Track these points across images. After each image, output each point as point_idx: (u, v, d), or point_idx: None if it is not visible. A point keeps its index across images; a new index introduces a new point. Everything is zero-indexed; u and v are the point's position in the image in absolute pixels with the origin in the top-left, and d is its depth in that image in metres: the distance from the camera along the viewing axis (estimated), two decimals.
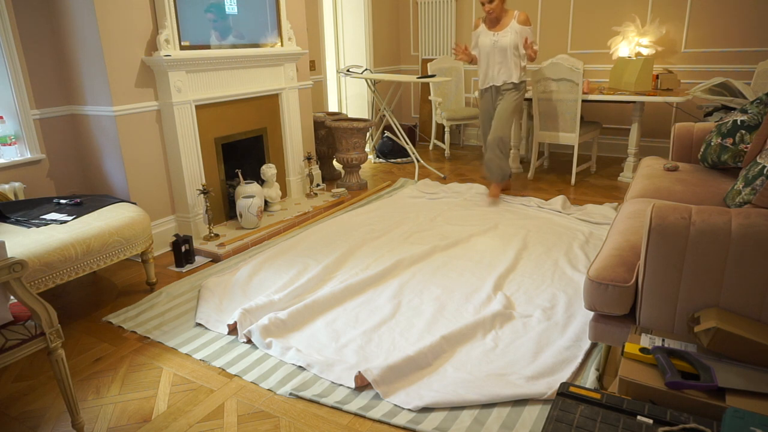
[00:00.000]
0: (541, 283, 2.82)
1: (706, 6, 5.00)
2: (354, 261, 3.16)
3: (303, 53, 4.24)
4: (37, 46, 3.08)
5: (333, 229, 3.69)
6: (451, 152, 6.13)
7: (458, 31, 6.35)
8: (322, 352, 2.26)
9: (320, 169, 4.94)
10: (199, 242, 3.47)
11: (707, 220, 1.61)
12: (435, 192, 4.50)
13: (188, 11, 3.34)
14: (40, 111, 3.12)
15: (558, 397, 1.41)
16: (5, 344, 1.67)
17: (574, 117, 4.51)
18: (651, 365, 1.52)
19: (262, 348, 2.32)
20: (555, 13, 5.72)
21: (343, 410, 1.93)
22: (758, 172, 2.21)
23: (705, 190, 2.64)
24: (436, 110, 5.91)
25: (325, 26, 5.57)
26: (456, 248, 3.30)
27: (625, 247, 1.97)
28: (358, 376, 2.04)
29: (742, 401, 1.37)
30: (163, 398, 2.06)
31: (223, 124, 3.74)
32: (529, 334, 2.34)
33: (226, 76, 3.68)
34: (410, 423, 1.83)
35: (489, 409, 1.90)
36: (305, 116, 4.54)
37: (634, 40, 5.24)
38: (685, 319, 1.69)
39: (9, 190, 2.94)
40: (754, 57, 4.88)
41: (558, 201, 4.07)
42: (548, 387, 1.95)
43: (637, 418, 1.32)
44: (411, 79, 5.16)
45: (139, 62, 3.20)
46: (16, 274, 1.67)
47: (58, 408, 2.01)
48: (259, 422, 1.90)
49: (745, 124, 2.79)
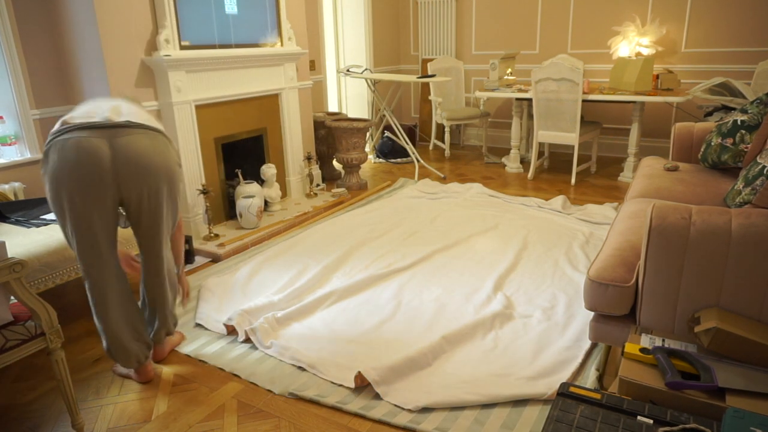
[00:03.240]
0: (541, 283, 2.82)
1: (706, 6, 5.00)
2: (354, 261, 3.16)
3: (303, 53, 4.24)
4: (37, 46, 3.08)
5: (332, 229, 3.69)
6: (451, 152, 6.13)
7: (458, 31, 6.35)
8: (321, 353, 2.26)
9: (320, 169, 4.94)
10: (198, 242, 3.47)
11: (707, 220, 1.61)
12: (435, 192, 4.50)
13: (188, 11, 3.34)
14: (40, 111, 3.12)
15: (558, 397, 1.41)
16: (5, 344, 1.67)
17: (574, 117, 4.50)
18: (651, 365, 1.52)
19: (261, 348, 2.31)
20: (555, 13, 5.72)
21: (343, 410, 1.93)
22: (758, 172, 2.21)
23: (705, 190, 2.64)
24: (436, 110, 5.91)
25: (325, 26, 5.57)
26: (456, 248, 3.30)
27: (626, 247, 1.97)
28: (357, 375, 2.04)
29: (742, 401, 1.37)
30: (163, 398, 2.06)
31: (223, 124, 3.74)
32: (529, 334, 2.34)
33: (226, 76, 3.68)
34: (410, 423, 1.83)
35: (489, 409, 1.90)
36: (305, 116, 4.54)
37: (634, 40, 5.24)
38: (685, 319, 1.69)
39: (9, 190, 2.94)
40: (754, 57, 4.87)
41: (558, 201, 4.07)
42: (548, 387, 1.95)
43: (638, 418, 1.32)
44: (411, 79, 5.16)
45: (139, 62, 3.20)
46: (16, 274, 1.67)
47: (58, 408, 2.01)
48: (259, 422, 1.90)
49: (745, 124, 2.79)
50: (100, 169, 1.83)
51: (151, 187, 1.94)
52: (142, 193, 1.94)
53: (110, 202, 1.90)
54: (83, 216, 1.86)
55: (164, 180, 1.98)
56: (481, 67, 6.30)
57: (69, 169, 1.80)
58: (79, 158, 1.80)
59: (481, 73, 6.30)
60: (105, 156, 1.84)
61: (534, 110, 4.73)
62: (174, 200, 2.08)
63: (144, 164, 1.91)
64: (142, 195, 1.94)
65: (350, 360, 2.19)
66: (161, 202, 2.00)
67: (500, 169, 5.40)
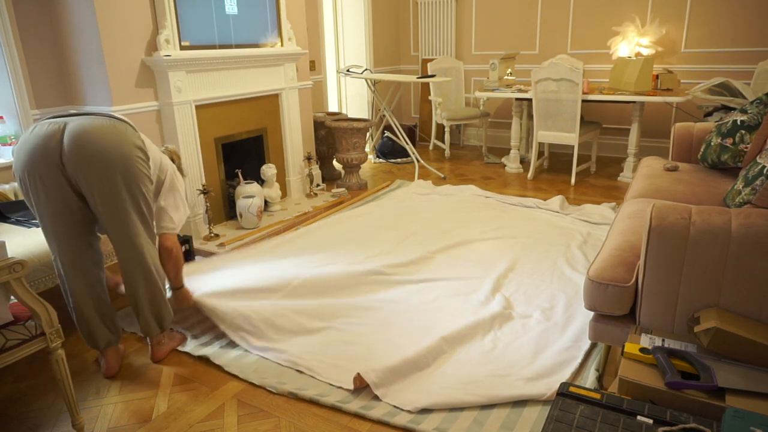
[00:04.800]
0: (540, 283, 2.81)
1: (706, 6, 5.00)
2: (351, 263, 3.15)
3: (303, 53, 4.24)
4: (37, 46, 3.08)
5: (328, 231, 3.66)
6: (451, 152, 6.13)
7: (458, 31, 6.35)
8: (318, 355, 2.24)
9: (320, 169, 4.94)
10: (199, 242, 3.47)
11: (707, 220, 1.61)
12: (427, 193, 4.48)
13: (188, 11, 3.34)
14: (40, 111, 3.12)
15: (558, 397, 1.41)
16: (5, 344, 1.67)
17: (574, 117, 4.51)
18: (651, 365, 1.52)
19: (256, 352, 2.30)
20: (555, 13, 5.72)
21: (343, 410, 1.93)
22: (758, 172, 2.21)
23: (705, 190, 2.64)
24: (436, 110, 5.91)
25: (325, 26, 5.57)
26: (454, 249, 3.29)
27: (625, 247, 1.97)
28: (356, 377, 2.03)
29: (742, 401, 1.37)
30: (163, 398, 2.06)
31: (223, 124, 3.74)
32: (529, 334, 2.34)
33: (226, 76, 3.68)
34: (410, 423, 1.83)
35: (488, 410, 1.90)
36: (305, 116, 4.54)
37: (634, 40, 5.24)
38: (685, 319, 1.69)
39: (9, 190, 2.93)
40: (754, 57, 4.88)
41: (556, 201, 4.07)
42: (547, 388, 1.95)
43: (637, 418, 1.32)
44: (411, 79, 5.16)
45: (139, 62, 3.20)
46: (16, 274, 1.67)
47: (58, 408, 2.01)
48: (259, 422, 1.90)
49: (745, 124, 2.79)
50: (46, 149, 1.91)
51: (100, 169, 1.93)
52: (90, 174, 1.93)
53: (64, 184, 1.94)
54: (39, 196, 1.96)
55: (117, 165, 1.96)
56: (481, 67, 6.30)
57: (24, 150, 1.93)
58: (33, 140, 1.92)
59: (481, 73, 6.30)
60: (54, 137, 1.92)
61: (534, 110, 4.73)
62: (138, 190, 2.04)
63: (89, 145, 1.91)
64: (91, 178, 1.94)
65: (348, 362, 2.18)
66: (117, 189, 1.98)
67: (500, 169, 5.40)
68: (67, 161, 1.92)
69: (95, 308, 2.13)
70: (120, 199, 2.00)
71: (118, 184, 1.98)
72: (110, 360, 2.21)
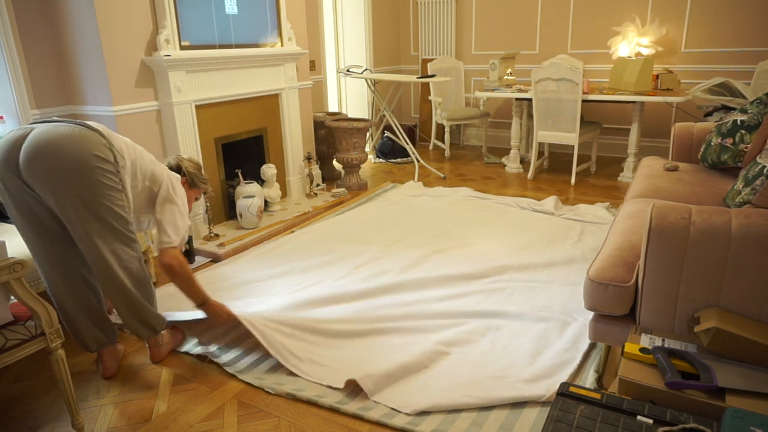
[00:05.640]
0: (537, 284, 2.80)
1: (706, 6, 5.00)
2: (349, 264, 3.14)
3: (303, 53, 4.24)
4: (37, 46, 3.08)
5: (323, 232, 3.65)
6: (451, 152, 6.13)
7: (458, 31, 6.35)
8: (314, 358, 2.22)
9: (320, 169, 4.94)
10: (199, 242, 3.47)
11: (707, 220, 1.61)
12: (419, 195, 4.46)
13: (188, 11, 3.34)
14: (40, 111, 3.12)
15: (558, 397, 1.41)
16: (5, 344, 1.67)
17: (574, 117, 4.51)
18: (651, 365, 1.52)
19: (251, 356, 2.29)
20: (555, 13, 5.72)
21: (342, 411, 1.93)
22: (758, 172, 2.21)
23: (705, 190, 2.64)
24: (436, 110, 5.91)
25: (325, 26, 5.57)
26: (451, 250, 3.27)
27: (625, 247, 1.97)
28: (350, 381, 2.02)
29: (742, 401, 1.37)
30: (163, 398, 2.06)
31: (223, 124, 3.74)
32: (527, 336, 2.33)
33: (226, 76, 3.68)
34: (409, 424, 1.83)
35: (487, 411, 1.89)
36: (305, 116, 4.54)
37: (634, 40, 5.24)
38: (685, 319, 1.69)
39: None
40: (754, 57, 4.88)
41: (550, 201, 4.07)
42: (547, 389, 1.95)
43: (637, 418, 1.32)
44: (411, 79, 5.16)
45: (139, 62, 3.20)
46: (16, 274, 1.67)
47: (58, 408, 2.01)
48: (259, 422, 1.90)
49: (745, 124, 2.79)
50: (8, 159, 1.90)
51: (53, 183, 1.86)
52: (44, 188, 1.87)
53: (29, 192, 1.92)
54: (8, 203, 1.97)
55: (70, 179, 1.87)
56: (481, 67, 6.30)
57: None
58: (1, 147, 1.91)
59: (481, 73, 6.30)
60: (16, 145, 1.90)
61: (534, 110, 4.73)
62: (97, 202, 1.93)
63: (41, 158, 1.85)
64: (45, 192, 1.88)
65: (345, 364, 2.16)
66: (72, 202, 1.89)
67: (500, 169, 5.40)
68: (22, 172, 1.88)
69: (81, 310, 2.10)
70: (76, 210, 1.91)
71: (73, 198, 1.89)
72: (107, 361, 2.19)
